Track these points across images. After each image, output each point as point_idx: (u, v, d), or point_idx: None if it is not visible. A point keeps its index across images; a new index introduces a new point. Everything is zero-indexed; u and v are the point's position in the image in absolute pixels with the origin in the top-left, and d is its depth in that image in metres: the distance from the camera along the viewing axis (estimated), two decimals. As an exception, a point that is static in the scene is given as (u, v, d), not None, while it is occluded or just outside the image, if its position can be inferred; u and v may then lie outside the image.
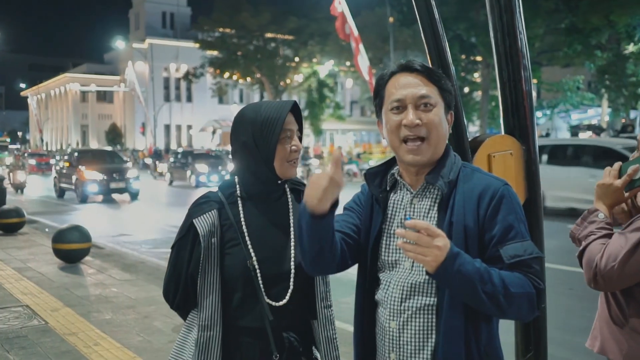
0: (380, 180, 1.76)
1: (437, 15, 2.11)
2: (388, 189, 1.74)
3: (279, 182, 1.86)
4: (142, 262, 8.43)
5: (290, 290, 1.82)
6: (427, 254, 1.47)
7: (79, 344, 4.81)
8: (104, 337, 5.01)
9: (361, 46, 23.15)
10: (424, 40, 2.14)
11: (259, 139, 1.80)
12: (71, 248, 7.91)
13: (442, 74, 1.70)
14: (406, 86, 1.64)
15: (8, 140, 56.94)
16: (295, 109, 1.86)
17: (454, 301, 1.57)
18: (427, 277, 1.60)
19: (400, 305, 1.64)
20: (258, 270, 1.80)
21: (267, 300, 1.80)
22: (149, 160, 39.50)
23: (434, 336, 1.61)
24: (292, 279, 1.83)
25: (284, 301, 1.81)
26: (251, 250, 1.81)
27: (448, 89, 1.68)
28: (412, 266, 1.65)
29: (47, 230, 11.39)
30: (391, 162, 1.79)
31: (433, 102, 1.63)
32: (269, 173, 1.83)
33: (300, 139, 1.89)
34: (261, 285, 1.80)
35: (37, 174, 36.20)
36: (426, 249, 1.46)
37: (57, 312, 5.74)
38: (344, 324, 5.42)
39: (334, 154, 1.55)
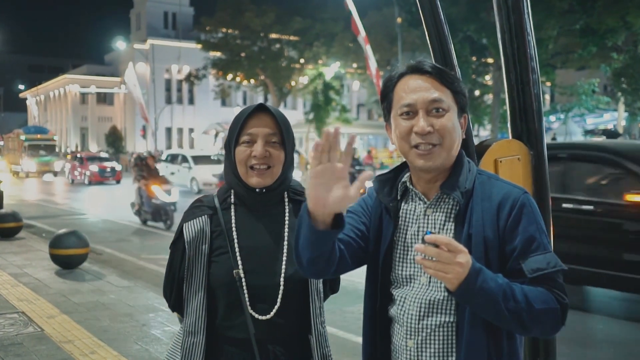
0: (390, 188, 1.70)
1: (442, 16, 2.12)
2: (399, 197, 1.69)
3: (257, 190, 1.83)
4: (141, 269, 8.45)
5: (277, 307, 1.79)
6: (448, 271, 1.41)
7: (75, 352, 4.82)
8: (101, 345, 5.02)
9: (368, 47, 23.22)
10: (428, 42, 2.15)
11: (227, 143, 1.84)
12: (68, 253, 7.93)
13: (455, 75, 1.66)
14: (416, 90, 1.58)
15: (55, 138, 41.12)
16: (278, 115, 1.81)
17: (474, 318, 1.54)
18: (446, 293, 1.55)
19: (419, 324, 1.61)
20: (244, 281, 1.79)
21: (252, 313, 1.78)
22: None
23: (454, 355, 1.58)
24: (280, 295, 1.80)
25: (269, 316, 1.79)
26: (239, 260, 1.80)
27: (461, 91, 1.63)
28: (430, 282, 1.61)
29: (44, 235, 11.43)
30: (401, 168, 1.74)
31: (445, 107, 1.58)
32: (237, 179, 1.83)
33: (287, 146, 1.82)
34: (246, 297, 1.78)
35: (98, 184, 29.42)
36: (447, 266, 1.41)
37: (53, 319, 5.76)
38: (348, 334, 5.42)
39: (347, 141, 1.43)
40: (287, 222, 1.87)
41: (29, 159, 36.18)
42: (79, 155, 33.05)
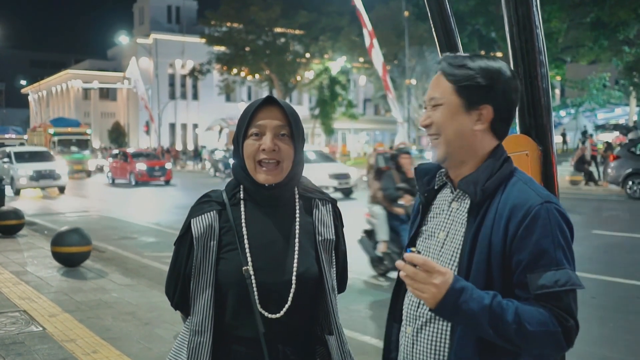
0: (431, 178, 1.76)
1: (448, 9, 2.11)
2: (436, 187, 1.75)
3: (266, 185, 1.81)
4: (144, 267, 8.47)
5: (287, 306, 1.77)
6: (424, 291, 1.47)
7: (77, 351, 4.84)
8: (104, 344, 5.04)
9: (375, 41, 23.18)
10: (434, 36, 2.13)
11: (235, 137, 1.82)
12: (71, 251, 7.96)
13: (465, 70, 1.63)
14: (430, 85, 1.70)
15: (89, 132, 35.56)
16: (287, 107, 1.80)
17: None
18: None
19: (416, 311, 1.67)
20: (253, 278, 1.76)
21: (261, 311, 1.76)
22: None
23: (447, 343, 1.60)
24: (291, 294, 1.78)
25: (280, 314, 1.77)
26: (248, 256, 1.78)
27: (469, 85, 1.61)
28: None
29: (46, 232, 11.49)
30: None
31: (440, 102, 1.65)
32: (245, 174, 1.81)
33: (297, 140, 1.82)
34: (256, 295, 1.76)
35: (145, 185, 26.36)
36: (423, 286, 1.47)
37: (55, 317, 5.79)
38: (354, 333, 5.42)
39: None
40: (297, 219, 1.85)
41: (59, 156, 30.06)
42: (121, 151, 29.31)
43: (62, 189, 22.31)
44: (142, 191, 23.97)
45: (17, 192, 21.50)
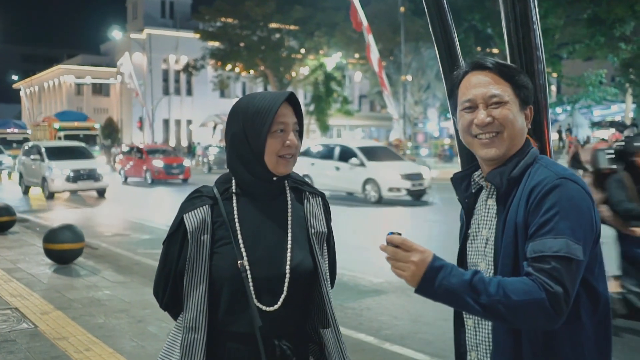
0: (467, 184, 1.83)
1: (445, 5, 2.10)
2: (474, 191, 1.81)
3: (274, 178, 1.84)
4: (137, 264, 8.45)
5: (283, 296, 1.79)
6: (404, 269, 1.54)
7: (70, 349, 4.83)
8: (96, 342, 5.03)
9: (370, 37, 23.19)
10: (431, 32, 2.13)
11: (249, 130, 1.79)
12: (63, 248, 7.93)
13: (516, 69, 1.77)
14: (477, 85, 1.72)
15: (96, 126, 33.69)
16: (294, 101, 1.84)
17: None
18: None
19: None
20: (249, 272, 1.78)
21: (258, 304, 1.77)
22: None
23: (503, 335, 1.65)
24: (286, 285, 1.80)
25: (276, 306, 1.78)
26: (243, 250, 1.79)
27: (523, 85, 1.73)
28: (488, 268, 1.70)
29: (38, 229, 11.44)
30: (477, 165, 1.85)
31: (504, 100, 1.70)
32: (260, 168, 1.81)
33: (301, 135, 1.87)
34: (251, 288, 1.77)
35: (162, 183, 24.66)
36: (403, 264, 1.54)
37: (47, 315, 5.77)
38: (349, 331, 5.42)
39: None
40: (290, 211, 1.87)
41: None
42: (135, 147, 27.47)
43: (102, 192, 19.20)
44: (161, 191, 22.09)
45: (50, 196, 18.39)
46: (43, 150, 19.15)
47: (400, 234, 1.56)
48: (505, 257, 1.63)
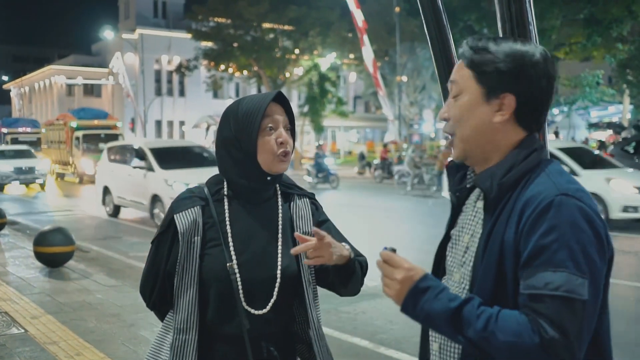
0: (463, 176, 1.61)
1: (440, 5, 2.11)
2: (468, 186, 1.59)
3: (269, 178, 1.85)
4: (129, 267, 8.43)
5: (272, 300, 1.81)
6: (390, 287, 1.44)
7: (60, 354, 4.81)
8: (87, 346, 5.01)
9: (365, 37, 23.22)
10: (426, 32, 2.13)
11: (240, 132, 1.80)
12: (54, 251, 7.91)
13: (485, 54, 1.49)
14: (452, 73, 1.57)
15: (118, 124, 30.10)
16: (283, 101, 1.86)
17: None
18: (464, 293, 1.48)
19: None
20: (238, 275, 1.79)
21: (246, 307, 1.79)
22: None
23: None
24: (276, 289, 1.82)
25: (265, 310, 1.80)
26: (232, 253, 1.80)
27: (487, 71, 1.47)
28: (462, 282, 1.52)
29: (28, 232, 11.40)
30: None
31: (459, 90, 1.52)
32: (254, 168, 1.82)
33: (293, 134, 1.88)
34: (240, 291, 1.79)
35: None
36: (390, 281, 1.43)
37: (37, 319, 5.75)
38: (344, 334, 5.42)
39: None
40: (280, 214, 1.88)
41: (85, 156, 25.44)
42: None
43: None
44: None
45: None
46: (149, 154, 13.09)
47: (394, 250, 1.47)
48: (484, 280, 1.42)
